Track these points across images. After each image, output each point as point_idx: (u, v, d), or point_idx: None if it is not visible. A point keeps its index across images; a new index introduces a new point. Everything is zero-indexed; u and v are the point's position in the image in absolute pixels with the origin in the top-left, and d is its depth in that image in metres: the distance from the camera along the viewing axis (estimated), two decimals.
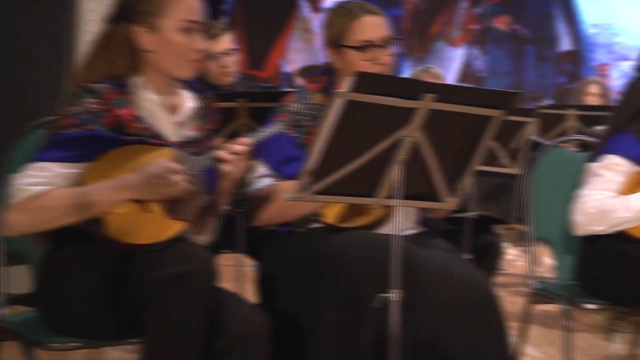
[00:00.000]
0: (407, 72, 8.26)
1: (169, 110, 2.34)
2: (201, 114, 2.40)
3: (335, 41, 2.66)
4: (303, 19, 9.09)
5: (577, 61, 9.35)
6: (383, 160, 2.20)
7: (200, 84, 2.46)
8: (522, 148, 4.24)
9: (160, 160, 2.17)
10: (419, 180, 2.24)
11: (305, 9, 9.07)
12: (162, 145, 2.26)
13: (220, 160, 2.24)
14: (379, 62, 2.63)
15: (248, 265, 3.56)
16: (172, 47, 2.28)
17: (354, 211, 2.54)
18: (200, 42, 2.31)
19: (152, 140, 2.26)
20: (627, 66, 9.13)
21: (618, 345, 4.17)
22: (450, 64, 9.24)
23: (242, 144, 2.26)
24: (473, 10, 9.28)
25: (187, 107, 2.37)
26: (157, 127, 2.29)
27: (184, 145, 2.31)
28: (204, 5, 2.34)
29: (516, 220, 4.53)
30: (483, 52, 9.28)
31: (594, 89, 5.78)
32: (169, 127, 2.32)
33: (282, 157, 2.57)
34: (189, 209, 2.25)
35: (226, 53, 3.85)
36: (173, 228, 2.23)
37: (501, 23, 9.29)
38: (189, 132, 2.36)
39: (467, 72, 9.26)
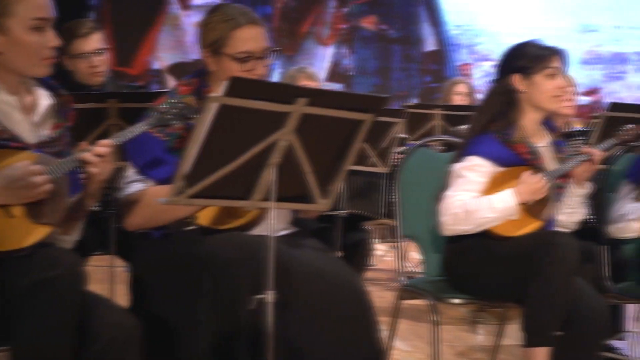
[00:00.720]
0: (277, 71, 8.29)
1: (25, 111, 2.29)
2: (56, 111, 2.36)
3: (214, 45, 2.62)
4: (172, 16, 9.00)
5: (441, 61, 9.62)
6: (257, 164, 2.22)
7: (53, 81, 2.40)
8: (390, 147, 4.35)
9: (21, 164, 2.13)
10: (292, 183, 2.27)
11: (175, 6, 8.98)
12: (21, 148, 2.21)
13: (85, 162, 2.21)
14: (254, 73, 2.60)
15: (119, 266, 3.53)
16: (24, 47, 2.22)
17: (228, 213, 2.55)
18: (52, 39, 2.25)
19: (11, 143, 2.20)
20: (488, 66, 9.47)
21: (482, 336, 4.34)
22: (320, 63, 9.33)
23: (105, 146, 2.24)
24: (341, 10, 9.40)
25: (42, 106, 2.32)
26: (14, 130, 2.23)
27: (43, 146, 2.27)
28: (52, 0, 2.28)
29: (384, 216, 4.65)
30: (351, 51, 9.41)
31: (461, 88, 5.96)
32: (27, 128, 2.27)
33: (149, 160, 2.55)
34: (53, 211, 2.21)
35: (96, 52, 3.78)
36: (38, 232, 2.19)
37: (368, 23, 9.46)
38: (47, 132, 2.31)
39: (336, 70, 9.38)
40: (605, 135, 3.91)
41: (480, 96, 5.78)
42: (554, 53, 2.97)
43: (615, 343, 3.88)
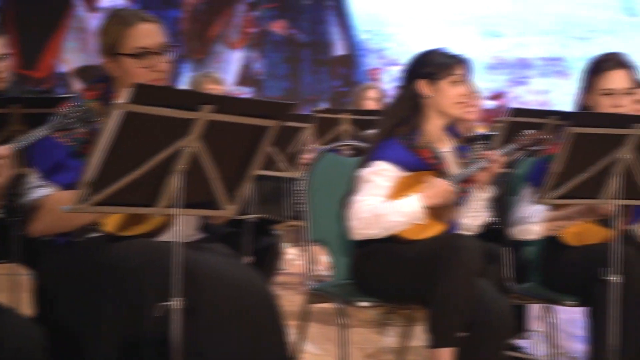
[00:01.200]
0: (186, 75, 8.24)
1: None
2: None
3: (111, 49, 2.62)
4: (78, 18, 8.85)
5: (351, 65, 9.71)
6: (163, 170, 2.21)
7: None
8: (299, 152, 4.38)
9: None
10: (199, 189, 2.27)
11: (80, 8, 8.83)
12: None
13: None
14: (155, 70, 2.61)
15: (24, 274, 3.46)
16: None
17: (134, 219, 2.53)
18: None
19: None
20: (396, 71, 9.59)
21: (391, 338, 4.39)
22: (230, 67, 9.31)
23: (4, 151, 2.20)
24: (251, 14, 9.40)
25: None
26: None
27: None
28: None
29: (293, 219, 4.68)
30: (261, 55, 9.42)
31: (372, 93, 6.02)
32: None
33: (53, 165, 2.51)
34: None
35: None
36: None
37: (278, 27, 9.48)
38: None
39: (245, 74, 9.37)
40: (507, 140, 4.01)
41: (389, 101, 5.87)
42: (459, 61, 3.04)
43: (519, 342, 3.98)
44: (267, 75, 9.45)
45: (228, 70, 9.26)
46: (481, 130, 5.58)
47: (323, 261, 5.22)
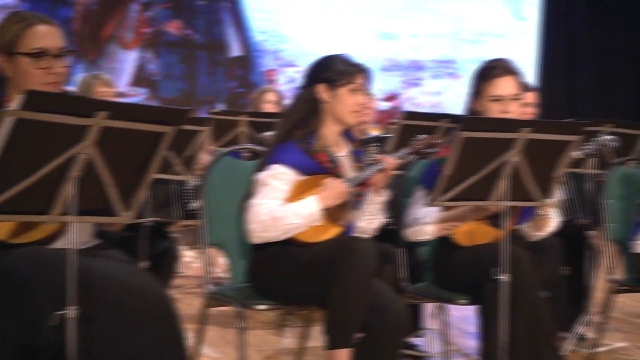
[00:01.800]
0: (79, 75, 8.08)
1: None
2: None
3: (7, 49, 2.58)
4: None
5: (247, 67, 9.71)
6: (57, 177, 2.18)
7: None
8: (196, 155, 4.36)
9: None
10: (94, 196, 2.25)
11: None
12: None
13: None
14: (52, 72, 2.58)
15: None
16: None
17: (27, 226, 2.47)
18: None
19: None
20: (292, 72, 9.65)
21: (289, 339, 4.42)
22: (124, 67, 9.19)
23: None
24: (145, 14, 9.29)
25: None
26: None
27: None
28: None
29: (188, 221, 4.65)
30: (156, 56, 9.32)
31: (270, 96, 6.03)
32: None
33: None
34: None
35: None
36: None
37: (173, 27, 9.40)
38: None
39: (140, 75, 9.26)
40: (401, 142, 4.10)
41: (288, 102, 5.89)
42: (360, 70, 3.07)
43: (414, 340, 4.07)
44: (162, 76, 9.36)
45: (122, 71, 9.13)
46: (375, 132, 5.68)
47: (221, 263, 5.23)
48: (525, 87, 4.26)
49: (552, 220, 3.32)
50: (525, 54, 10.40)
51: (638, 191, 3.90)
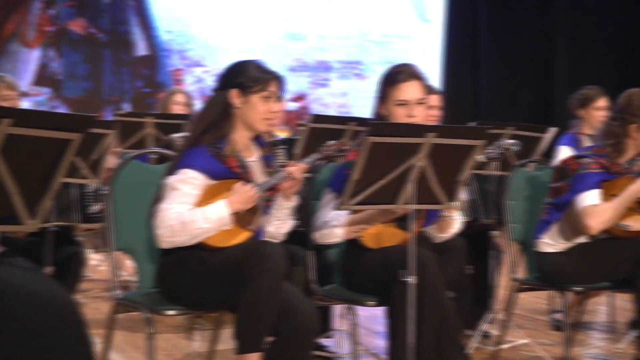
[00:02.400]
0: None
1: None
2: None
3: None
4: None
5: (153, 66, 9.61)
6: None
7: None
8: (102, 159, 4.30)
9: None
10: None
11: None
12: None
13: None
14: None
15: None
16: None
17: None
18: None
19: None
20: (200, 72, 9.60)
21: (198, 342, 4.41)
22: (26, 66, 8.98)
23: None
24: (47, 12, 9.10)
25: None
26: None
27: None
28: None
29: (94, 224, 4.59)
30: (59, 55, 9.14)
31: (179, 98, 5.98)
32: None
33: None
34: None
35: None
36: None
37: (77, 26, 9.23)
38: None
39: (43, 74, 9.07)
40: (309, 145, 4.13)
41: (197, 103, 5.87)
42: (274, 78, 3.07)
43: (323, 341, 4.11)
44: (66, 75, 9.18)
45: (25, 70, 8.93)
46: (283, 134, 5.70)
47: (128, 265, 5.17)
48: (430, 90, 4.35)
49: (457, 222, 3.40)
50: (430, 55, 10.58)
51: (540, 192, 4.02)
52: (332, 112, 10.12)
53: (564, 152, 5.06)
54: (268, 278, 2.81)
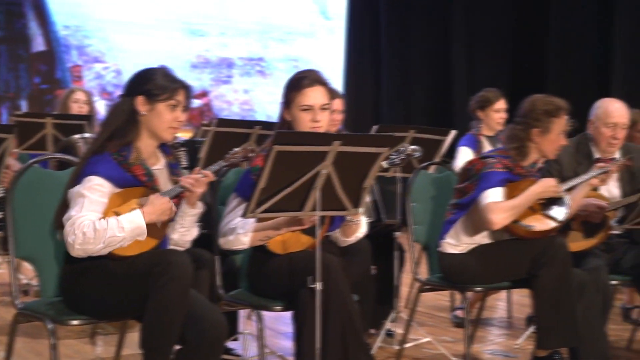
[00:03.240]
0: None
1: None
2: None
3: None
4: None
5: (51, 62, 9.40)
6: None
7: None
8: (2, 164, 4.19)
9: None
10: None
11: None
12: None
13: None
14: None
15: None
16: None
17: None
18: None
19: None
20: (100, 68, 9.44)
21: (101, 348, 4.35)
22: None
23: None
24: None
25: None
26: None
27: None
28: None
29: None
30: None
31: (79, 96, 5.88)
32: None
33: None
34: None
35: None
36: None
37: None
38: None
39: None
40: (214, 149, 4.13)
41: (96, 100, 5.78)
42: (181, 87, 3.05)
43: (230, 344, 4.11)
44: None
45: None
46: (186, 134, 5.67)
47: (28, 268, 5.06)
48: (333, 94, 4.40)
49: (362, 227, 3.45)
50: (333, 53, 10.66)
51: (441, 194, 4.11)
52: (235, 109, 10.12)
53: (464, 153, 5.19)
54: (174, 286, 2.80)
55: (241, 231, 3.22)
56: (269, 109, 10.12)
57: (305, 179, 2.90)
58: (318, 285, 2.97)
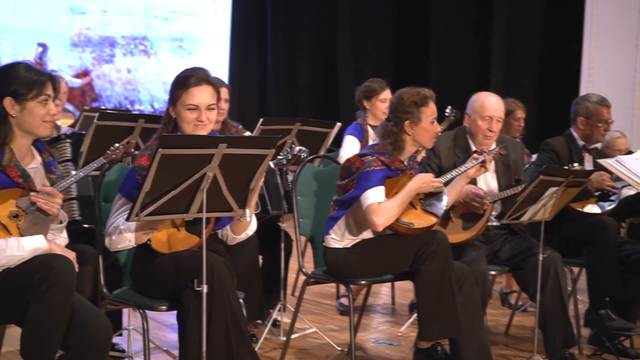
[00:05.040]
0: None
1: None
2: None
3: None
4: None
5: None
6: None
7: None
8: None
9: None
10: None
11: None
12: None
13: None
14: None
15: None
16: None
17: None
18: None
19: None
20: None
21: None
22: None
23: None
24: None
25: None
26: None
27: None
28: None
29: None
30: None
31: None
32: None
33: None
34: None
35: None
36: None
37: None
38: None
39: None
40: (96, 142, 4.03)
41: None
42: (48, 79, 2.96)
43: (114, 339, 4.05)
44: None
45: None
46: (67, 120, 5.53)
47: None
48: (219, 84, 4.37)
49: (252, 224, 3.44)
50: (218, 32, 10.54)
51: (326, 187, 4.14)
52: (118, 89, 9.90)
53: (350, 142, 5.24)
54: (56, 292, 2.75)
55: (124, 227, 3.16)
56: (153, 89, 9.95)
57: (191, 181, 2.88)
58: (203, 287, 2.95)
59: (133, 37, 10.09)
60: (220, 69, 10.40)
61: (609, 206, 4.48)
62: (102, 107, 9.13)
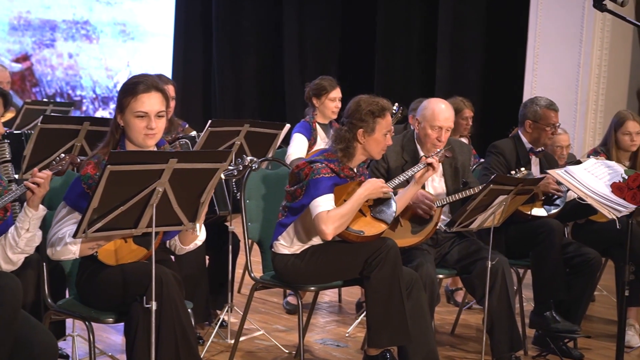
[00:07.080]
0: None
1: None
2: None
3: None
4: None
5: None
6: None
7: None
8: None
9: None
10: None
11: None
12: None
13: None
14: None
15: None
16: None
17: None
18: None
19: None
20: None
21: None
22: None
23: None
24: None
25: None
26: None
27: None
28: None
29: None
30: None
31: None
32: None
33: None
34: None
35: None
36: None
37: None
38: None
39: None
40: (39, 146, 3.94)
41: None
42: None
43: (59, 344, 3.97)
44: None
45: None
46: (8, 114, 5.39)
47: None
48: (165, 81, 4.28)
49: (201, 235, 3.39)
50: (162, 17, 10.36)
51: (274, 191, 4.11)
52: (59, 74, 9.69)
53: (298, 140, 5.20)
54: (2, 311, 2.68)
55: (69, 240, 3.08)
56: (94, 74, 9.77)
57: (141, 197, 2.82)
58: (153, 305, 2.90)
59: (75, 22, 9.87)
60: (164, 55, 10.25)
61: (555, 209, 4.53)
62: (45, 100, 8.94)
